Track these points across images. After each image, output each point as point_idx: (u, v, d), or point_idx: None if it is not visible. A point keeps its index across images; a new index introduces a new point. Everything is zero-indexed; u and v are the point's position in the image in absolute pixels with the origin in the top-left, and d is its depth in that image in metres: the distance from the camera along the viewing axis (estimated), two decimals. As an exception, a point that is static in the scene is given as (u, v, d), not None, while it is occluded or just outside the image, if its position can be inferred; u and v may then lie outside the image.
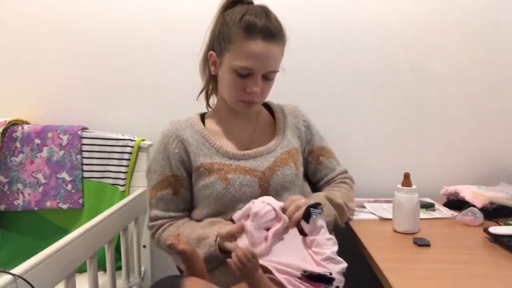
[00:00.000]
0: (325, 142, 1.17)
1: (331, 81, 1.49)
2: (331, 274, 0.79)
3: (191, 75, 1.14)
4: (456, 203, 1.29)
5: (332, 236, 0.88)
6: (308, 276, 0.78)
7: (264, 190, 0.98)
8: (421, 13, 1.46)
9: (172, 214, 1.03)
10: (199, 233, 0.94)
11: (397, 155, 1.51)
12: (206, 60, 1.05)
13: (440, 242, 1.00)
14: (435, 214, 1.25)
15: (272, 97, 1.16)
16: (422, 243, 0.98)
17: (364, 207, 1.32)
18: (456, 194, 1.32)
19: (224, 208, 0.97)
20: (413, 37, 1.47)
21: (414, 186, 1.06)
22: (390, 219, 1.12)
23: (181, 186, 1.02)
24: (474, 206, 1.19)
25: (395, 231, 1.08)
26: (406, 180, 1.07)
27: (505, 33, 1.46)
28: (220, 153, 1.01)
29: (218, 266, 0.92)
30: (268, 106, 1.15)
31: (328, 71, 1.48)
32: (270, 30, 0.93)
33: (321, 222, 0.87)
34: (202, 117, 1.11)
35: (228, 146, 1.03)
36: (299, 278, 0.80)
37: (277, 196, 0.97)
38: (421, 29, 1.47)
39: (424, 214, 1.23)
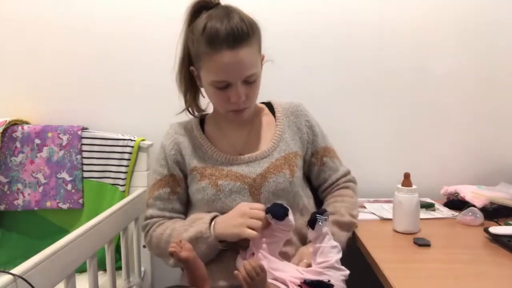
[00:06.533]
0: (329, 141, 1.15)
1: (330, 81, 1.49)
2: (329, 281, 0.79)
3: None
4: (456, 203, 1.29)
5: (337, 244, 0.88)
6: (307, 283, 0.78)
7: (255, 198, 0.97)
8: (421, 12, 1.46)
9: (167, 214, 1.04)
10: (195, 216, 0.97)
11: (397, 155, 1.51)
12: (181, 76, 1.05)
13: (440, 242, 1.00)
14: (435, 214, 1.24)
15: (271, 96, 1.17)
16: (422, 243, 0.98)
17: (364, 207, 1.32)
18: (456, 194, 1.32)
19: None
20: (413, 36, 1.47)
21: (414, 186, 1.06)
22: (390, 219, 1.12)
23: (178, 185, 1.04)
24: (474, 206, 1.19)
25: (395, 231, 1.08)
26: (406, 180, 1.06)
27: (506, 32, 1.46)
28: (214, 158, 1.02)
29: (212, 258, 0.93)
30: (270, 105, 1.13)
31: (327, 70, 1.48)
32: (234, 34, 0.88)
33: (326, 229, 0.87)
34: (203, 119, 1.11)
35: (223, 150, 1.03)
36: (298, 286, 0.80)
37: (269, 204, 0.94)
38: (421, 28, 1.47)
39: (424, 214, 1.23)
